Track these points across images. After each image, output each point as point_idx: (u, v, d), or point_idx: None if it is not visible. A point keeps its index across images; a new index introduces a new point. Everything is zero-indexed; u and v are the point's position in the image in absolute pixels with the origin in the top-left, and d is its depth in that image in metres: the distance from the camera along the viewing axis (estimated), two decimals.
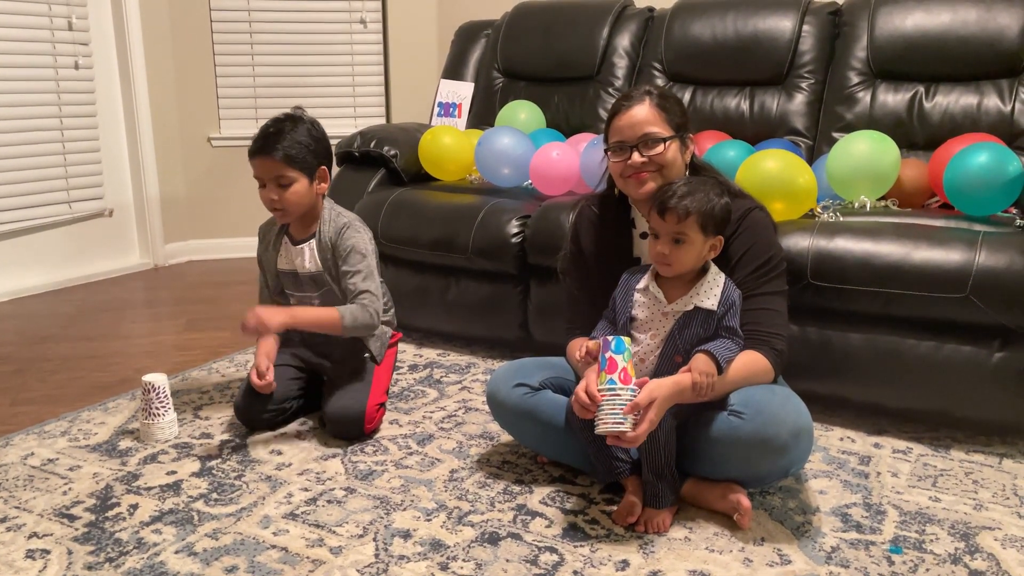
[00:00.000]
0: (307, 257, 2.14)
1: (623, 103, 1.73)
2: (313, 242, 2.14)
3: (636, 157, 1.69)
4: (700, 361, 1.56)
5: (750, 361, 1.65)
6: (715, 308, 1.61)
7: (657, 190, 1.67)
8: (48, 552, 1.56)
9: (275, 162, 2.01)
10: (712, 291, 1.62)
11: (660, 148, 1.68)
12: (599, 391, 1.51)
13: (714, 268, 1.67)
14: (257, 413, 2.09)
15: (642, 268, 1.73)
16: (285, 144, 2.01)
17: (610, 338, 1.52)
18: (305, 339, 2.23)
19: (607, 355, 1.50)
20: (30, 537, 1.61)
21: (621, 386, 1.49)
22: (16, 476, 1.87)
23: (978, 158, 2.07)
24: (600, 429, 1.51)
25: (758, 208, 1.75)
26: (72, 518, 1.68)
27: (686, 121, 1.76)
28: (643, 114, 1.69)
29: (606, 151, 1.77)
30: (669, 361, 1.64)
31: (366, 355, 2.18)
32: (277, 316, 1.98)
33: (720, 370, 1.57)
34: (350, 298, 2.07)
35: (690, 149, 1.77)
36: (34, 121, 3.59)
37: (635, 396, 1.50)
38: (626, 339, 1.53)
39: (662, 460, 1.62)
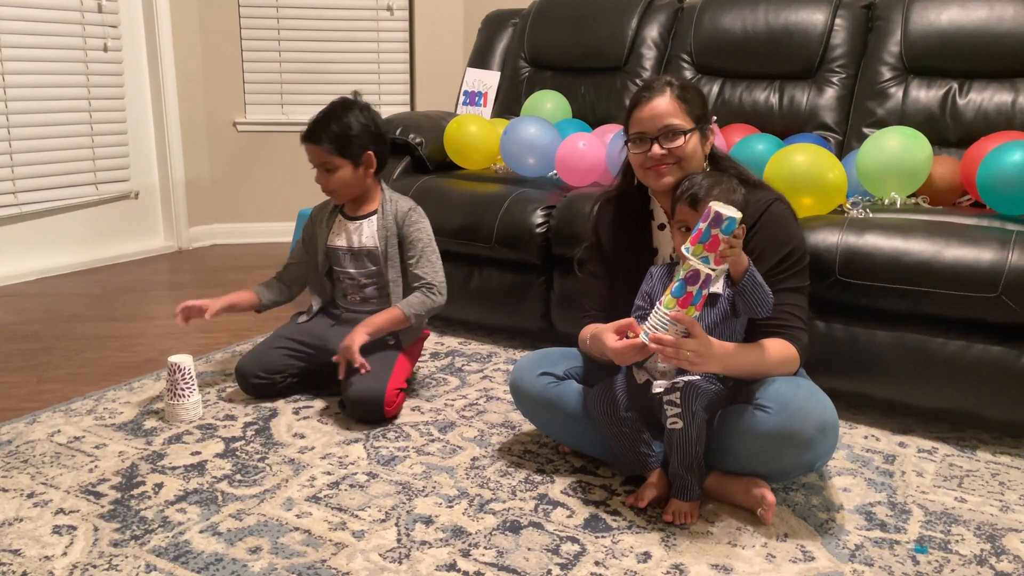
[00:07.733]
0: (365, 233, 2.22)
1: (644, 94, 1.71)
2: (374, 219, 2.23)
3: (656, 149, 1.68)
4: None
5: (780, 346, 1.64)
6: (721, 292, 1.62)
7: (678, 183, 1.67)
8: (75, 528, 1.57)
9: (319, 149, 2.14)
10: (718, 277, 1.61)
11: (680, 140, 1.67)
12: (685, 268, 1.48)
13: None
14: (249, 376, 2.19)
15: (666, 266, 1.73)
16: (331, 132, 2.13)
17: (723, 215, 1.42)
18: (339, 320, 2.27)
19: (713, 231, 1.42)
20: (56, 513, 1.63)
21: (713, 265, 1.45)
22: (43, 453, 1.90)
23: (1012, 156, 2.03)
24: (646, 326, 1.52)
25: (778, 200, 1.73)
26: (98, 495, 1.70)
27: (706, 112, 1.74)
28: (664, 106, 1.68)
29: (625, 142, 1.76)
30: None
31: (390, 341, 2.19)
32: (357, 335, 2.08)
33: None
34: (413, 284, 2.19)
35: (710, 140, 1.76)
36: (63, 103, 3.62)
37: (717, 273, 1.50)
38: (738, 217, 1.44)
39: (693, 454, 1.61)
